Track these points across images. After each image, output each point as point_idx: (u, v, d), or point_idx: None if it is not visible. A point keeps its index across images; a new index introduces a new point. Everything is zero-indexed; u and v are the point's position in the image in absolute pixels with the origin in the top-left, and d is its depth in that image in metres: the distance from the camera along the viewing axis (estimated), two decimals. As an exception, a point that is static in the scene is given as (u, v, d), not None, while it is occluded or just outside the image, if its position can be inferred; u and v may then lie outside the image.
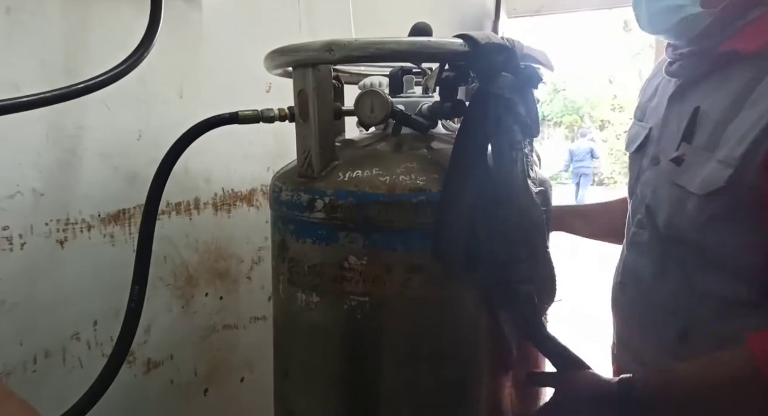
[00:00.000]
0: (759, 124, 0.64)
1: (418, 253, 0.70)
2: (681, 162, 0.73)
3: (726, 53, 0.71)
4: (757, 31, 0.68)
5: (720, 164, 0.67)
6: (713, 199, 0.68)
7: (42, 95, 0.67)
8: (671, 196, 0.75)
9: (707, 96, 0.73)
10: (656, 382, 0.68)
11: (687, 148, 0.73)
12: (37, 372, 0.85)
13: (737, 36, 0.70)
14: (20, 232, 0.81)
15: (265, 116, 0.82)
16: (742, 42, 0.69)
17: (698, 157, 0.71)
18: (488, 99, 0.66)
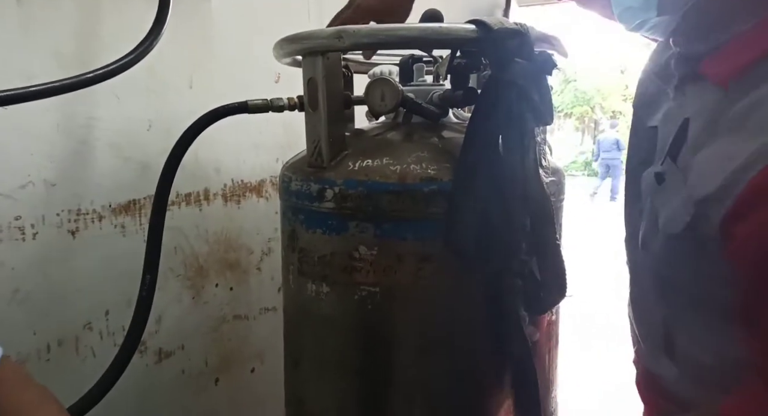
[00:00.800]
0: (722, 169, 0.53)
1: (429, 243, 0.69)
2: (662, 181, 0.64)
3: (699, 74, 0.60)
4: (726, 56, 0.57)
5: (683, 204, 0.58)
6: (674, 239, 0.60)
7: (52, 84, 0.67)
8: (650, 213, 0.66)
9: (693, 106, 0.61)
10: None
11: (670, 165, 0.62)
12: (51, 360, 0.86)
13: (710, 57, 0.59)
14: (32, 222, 0.81)
15: (275, 105, 0.81)
16: (713, 67, 0.59)
17: (676, 182, 0.60)
18: (500, 86, 0.65)
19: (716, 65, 0.58)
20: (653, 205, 0.66)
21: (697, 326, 0.64)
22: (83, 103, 0.86)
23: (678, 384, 0.69)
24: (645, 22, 0.66)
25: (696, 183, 0.57)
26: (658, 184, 0.64)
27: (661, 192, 0.63)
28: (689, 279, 0.61)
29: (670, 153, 0.63)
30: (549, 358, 0.81)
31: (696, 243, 0.57)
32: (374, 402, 0.74)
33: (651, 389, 0.76)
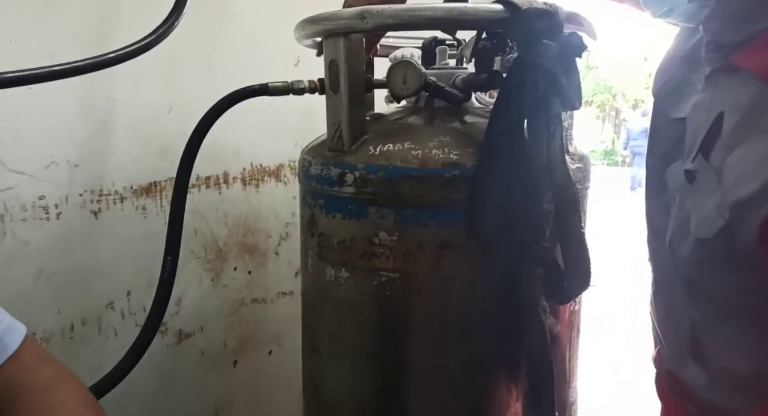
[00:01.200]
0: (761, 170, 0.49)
1: (450, 230, 0.68)
2: (693, 179, 0.59)
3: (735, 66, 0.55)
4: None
5: (716, 207, 0.54)
6: (706, 244, 0.56)
7: (74, 64, 0.67)
8: (679, 215, 0.61)
9: (728, 99, 0.56)
10: None
11: (702, 163, 0.57)
12: (74, 339, 0.88)
13: (747, 48, 0.54)
14: (56, 202, 0.82)
15: (295, 88, 0.80)
16: (752, 58, 0.53)
17: (708, 182, 0.56)
18: (527, 68, 0.63)
19: (755, 57, 0.53)
20: (683, 204, 0.61)
21: (730, 334, 0.60)
22: (104, 84, 0.86)
23: (708, 390, 0.64)
24: (674, 9, 0.61)
25: (731, 184, 0.52)
26: (688, 182, 0.60)
27: (693, 192, 0.59)
28: (722, 288, 0.58)
29: (701, 149, 0.58)
30: (570, 349, 0.80)
31: (730, 249, 0.53)
32: (391, 388, 0.74)
33: (676, 392, 0.72)
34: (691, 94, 0.64)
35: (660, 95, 0.71)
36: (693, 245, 0.58)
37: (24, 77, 0.63)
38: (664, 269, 0.72)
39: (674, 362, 0.72)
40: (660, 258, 0.72)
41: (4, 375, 0.50)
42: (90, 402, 0.54)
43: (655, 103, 0.72)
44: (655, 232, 0.72)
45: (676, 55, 0.69)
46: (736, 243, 0.52)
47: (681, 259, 0.62)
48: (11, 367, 0.50)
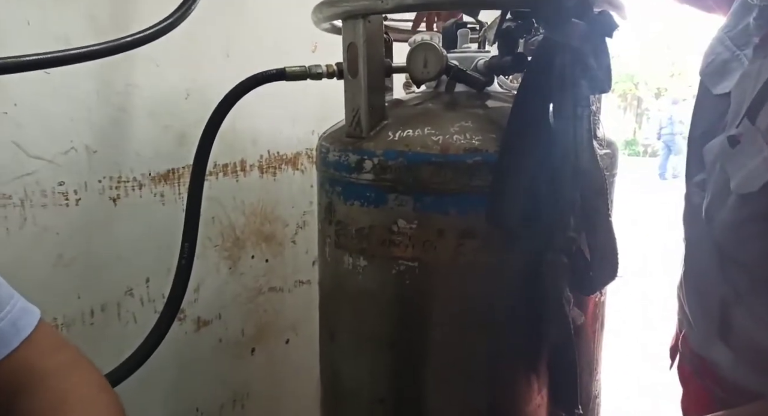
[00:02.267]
0: None
1: (472, 217, 0.66)
2: (736, 144, 0.60)
3: None
4: None
5: (763, 163, 0.55)
6: (748, 201, 0.57)
7: (91, 48, 0.66)
8: (718, 181, 0.62)
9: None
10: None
11: (747, 127, 0.58)
12: (95, 324, 0.88)
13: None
14: (75, 188, 0.83)
15: (313, 73, 0.79)
16: None
17: (754, 143, 0.57)
18: (555, 49, 0.60)
19: None
20: (723, 171, 0.61)
21: (760, 309, 0.60)
22: (121, 69, 0.85)
23: (734, 369, 0.65)
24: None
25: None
26: (731, 147, 0.60)
27: (736, 155, 0.60)
28: (759, 251, 0.58)
29: (747, 114, 0.58)
30: (594, 341, 0.78)
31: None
32: (409, 377, 0.73)
33: (702, 375, 0.72)
34: (737, 70, 0.64)
35: (706, 73, 0.71)
36: (733, 205, 0.59)
37: (42, 61, 0.63)
38: (697, 245, 0.71)
39: (701, 343, 0.71)
40: (694, 234, 0.71)
41: (18, 358, 0.50)
42: (103, 386, 0.54)
43: (701, 81, 0.72)
44: (691, 208, 0.71)
45: (726, 35, 0.69)
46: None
47: (717, 226, 0.62)
48: (25, 351, 0.50)
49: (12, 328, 0.50)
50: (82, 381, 0.52)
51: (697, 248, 0.71)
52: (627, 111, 17.37)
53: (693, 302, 0.73)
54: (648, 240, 4.54)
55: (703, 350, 0.71)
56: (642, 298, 3.36)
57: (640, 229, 4.91)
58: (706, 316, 0.70)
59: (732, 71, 0.66)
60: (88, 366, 0.54)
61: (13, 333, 0.50)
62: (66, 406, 0.49)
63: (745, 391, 0.64)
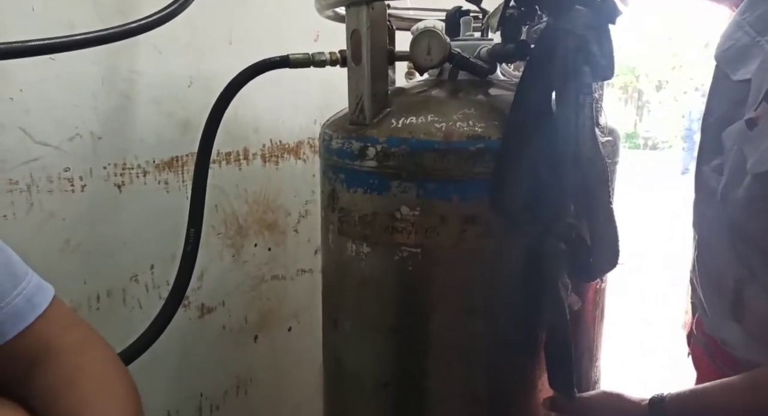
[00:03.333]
0: None
1: (474, 204, 0.67)
2: (754, 126, 0.61)
3: None
4: None
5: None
6: (761, 181, 0.58)
7: (96, 34, 0.67)
8: (735, 163, 0.63)
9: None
10: (693, 405, 0.64)
11: (765, 110, 0.60)
12: (101, 309, 0.89)
13: None
14: (80, 174, 0.83)
15: (316, 60, 0.79)
16: None
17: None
18: (558, 36, 0.60)
19: None
20: (740, 152, 0.62)
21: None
22: (125, 56, 0.86)
23: (746, 348, 0.67)
24: None
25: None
26: (749, 129, 0.61)
27: (753, 136, 0.60)
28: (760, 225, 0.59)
29: (766, 97, 0.59)
30: (594, 327, 0.79)
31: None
32: (412, 362, 0.74)
33: (715, 358, 0.73)
34: (758, 57, 0.64)
35: (723, 58, 0.70)
36: (748, 185, 0.60)
37: (46, 46, 0.63)
38: (710, 227, 0.71)
39: (714, 324, 0.72)
40: (708, 217, 0.72)
41: (34, 334, 0.51)
42: (117, 364, 0.55)
43: (717, 66, 0.72)
44: (705, 192, 0.72)
45: (744, 20, 0.68)
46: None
47: (732, 206, 0.63)
48: (40, 326, 0.51)
49: (28, 304, 0.51)
50: (95, 357, 0.53)
51: (711, 230, 0.71)
52: (628, 103, 17.30)
53: (706, 284, 0.74)
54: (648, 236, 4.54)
55: (715, 331, 0.72)
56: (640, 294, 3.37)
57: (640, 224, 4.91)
58: (719, 297, 0.71)
59: (752, 57, 0.65)
60: (102, 343, 0.55)
61: (29, 309, 0.51)
62: (79, 381, 0.50)
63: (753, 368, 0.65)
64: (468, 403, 0.73)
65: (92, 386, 0.50)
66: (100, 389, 0.50)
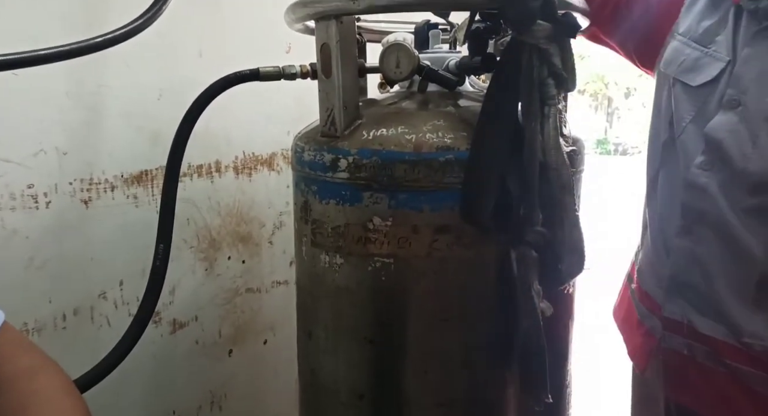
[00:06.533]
0: None
1: (445, 213, 0.68)
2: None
3: None
4: None
5: None
6: None
7: (61, 48, 0.66)
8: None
9: None
10: None
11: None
12: (67, 329, 0.87)
13: None
14: (45, 191, 0.81)
15: (287, 73, 0.79)
16: None
17: None
18: (522, 49, 0.62)
19: None
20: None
21: None
22: (93, 69, 0.84)
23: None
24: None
25: None
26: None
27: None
28: None
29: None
30: (564, 331, 0.80)
31: None
32: (387, 372, 0.74)
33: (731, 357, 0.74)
34: (710, 64, 0.75)
35: (680, 71, 0.79)
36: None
37: (10, 61, 0.62)
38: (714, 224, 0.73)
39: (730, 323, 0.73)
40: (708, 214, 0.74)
41: None
42: (69, 389, 0.53)
43: (675, 79, 0.80)
44: (695, 192, 0.75)
45: (688, 40, 0.80)
46: None
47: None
48: None
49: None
50: (48, 384, 0.51)
51: (716, 227, 0.73)
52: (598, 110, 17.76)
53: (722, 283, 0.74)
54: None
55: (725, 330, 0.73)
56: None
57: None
58: (739, 291, 0.72)
59: (705, 65, 0.76)
60: (54, 369, 0.53)
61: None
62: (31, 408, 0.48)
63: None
64: (445, 411, 0.73)
65: (45, 413, 0.48)
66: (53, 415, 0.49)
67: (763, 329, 0.70)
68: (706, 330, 0.75)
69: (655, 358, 0.82)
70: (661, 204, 0.84)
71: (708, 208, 0.73)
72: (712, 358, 0.75)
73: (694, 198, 0.75)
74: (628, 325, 0.91)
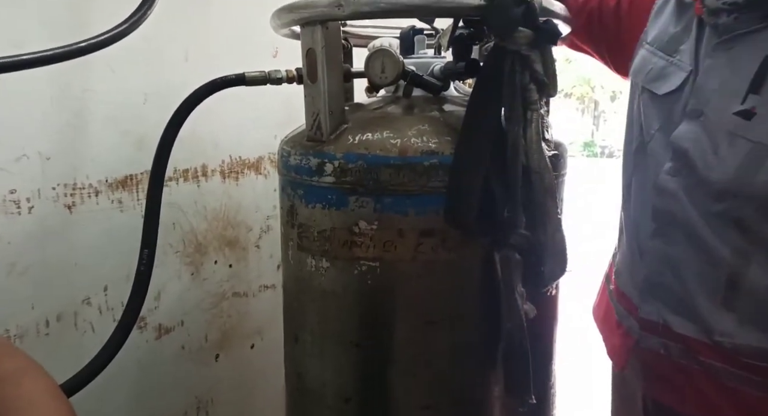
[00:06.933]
0: None
1: (430, 217, 0.68)
2: (751, 115, 0.68)
3: None
4: None
5: None
6: None
7: (44, 53, 0.65)
8: (739, 151, 0.69)
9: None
10: None
11: (756, 100, 0.68)
12: (50, 335, 0.86)
13: None
14: (28, 196, 0.80)
15: (273, 78, 0.79)
16: None
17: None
18: (504, 55, 0.63)
19: None
20: (742, 142, 0.68)
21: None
22: (77, 74, 0.84)
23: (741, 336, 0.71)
24: None
25: None
26: (747, 119, 0.68)
27: (758, 124, 0.67)
28: None
29: (751, 90, 0.68)
30: (548, 333, 0.81)
31: None
32: (374, 375, 0.74)
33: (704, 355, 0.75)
34: (675, 73, 0.77)
35: (647, 80, 0.81)
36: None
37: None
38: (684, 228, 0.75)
39: (697, 320, 0.74)
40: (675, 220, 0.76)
41: None
42: (54, 392, 0.52)
43: (643, 88, 0.82)
44: (665, 197, 0.77)
45: (655, 49, 0.81)
46: None
47: (754, 190, 0.68)
48: None
49: None
50: (34, 387, 0.51)
51: (687, 231, 0.75)
52: (585, 113, 17.96)
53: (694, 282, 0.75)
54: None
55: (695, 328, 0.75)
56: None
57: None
58: (709, 291, 0.73)
59: (670, 74, 0.77)
60: (40, 372, 0.53)
61: None
62: (14, 413, 0.48)
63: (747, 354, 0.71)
64: (431, 414, 0.74)
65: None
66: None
67: (733, 328, 0.71)
68: (680, 329, 0.76)
69: (634, 357, 0.84)
70: (634, 208, 0.86)
71: (678, 212, 0.75)
72: (687, 356, 0.76)
73: (664, 202, 0.77)
74: (607, 325, 0.92)
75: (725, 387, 0.73)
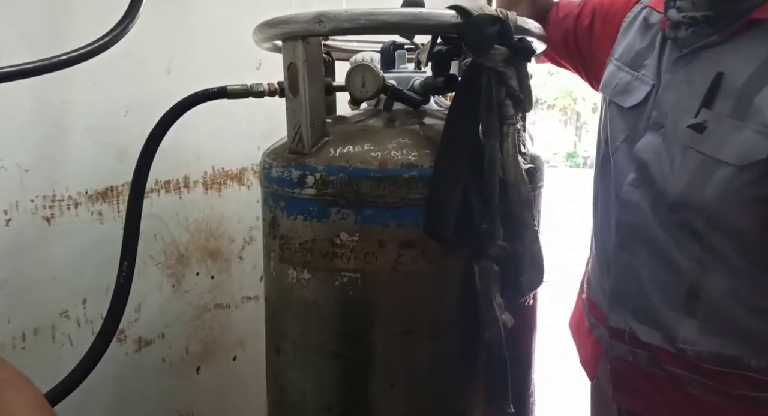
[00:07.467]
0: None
1: (410, 229, 0.69)
2: (703, 129, 0.70)
3: (757, 21, 0.67)
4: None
5: (757, 134, 0.65)
6: (749, 170, 0.66)
7: (24, 66, 0.65)
8: (691, 164, 0.71)
9: (726, 62, 0.70)
10: None
11: (708, 114, 0.70)
12: (26, 349, 0.85)
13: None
14: (5, 208, 0.80)
15: (255, 91, 0.80)
16: None
17: (723, 124, 0.68)
18: (480, 72, 0.65)
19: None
20: (693, 154, 0.70)
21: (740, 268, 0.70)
22: (57, 86, 0.84)
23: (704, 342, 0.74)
24: None
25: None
26: (699, 133, 0.70)
27: (707, 137, 0.69)
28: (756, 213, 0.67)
29: (704, 104, 0.70)
30: (526, 342, 0.83)
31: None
32: (355, 386, 0.74)
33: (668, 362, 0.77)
34: (639, 87, 0.80)
35: (614, 93, 0.85)
36: (730, 176, 0.67)
37: (-31, 78, 0.61)
38: (646, 238, 0.77)
39: (661, 327, 0.77)
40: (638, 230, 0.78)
41: None
42: (39, 404, 0.52)
43: (610, 101, 0.86)
44: (629, 208, 0.79)
45: (622, 64, 0.85)
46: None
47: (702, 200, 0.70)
48: None
49: None
50: (19, 399, 0.50)
51: (649, 240, 0.77)
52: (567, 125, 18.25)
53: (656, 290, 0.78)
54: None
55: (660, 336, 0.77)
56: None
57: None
58: (670, 300, 0.76)
59: (635, 88, 0.81)
60: (25, 383, 0.52)
61: None
62: None
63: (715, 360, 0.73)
64: (412, 424, 0.74)
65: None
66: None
67: (694, 335, 0.74)
68: (645, 338, 0.79)
69: (604, 365, 0.86)
70: (600, 219, 0.89)
71: (640, 222, 0.77)
72: (653, 364, 0.78)
73: (627, 214, 0.79)
74: (579, 334, 0.94)
75: (690, 395, 0.75)
